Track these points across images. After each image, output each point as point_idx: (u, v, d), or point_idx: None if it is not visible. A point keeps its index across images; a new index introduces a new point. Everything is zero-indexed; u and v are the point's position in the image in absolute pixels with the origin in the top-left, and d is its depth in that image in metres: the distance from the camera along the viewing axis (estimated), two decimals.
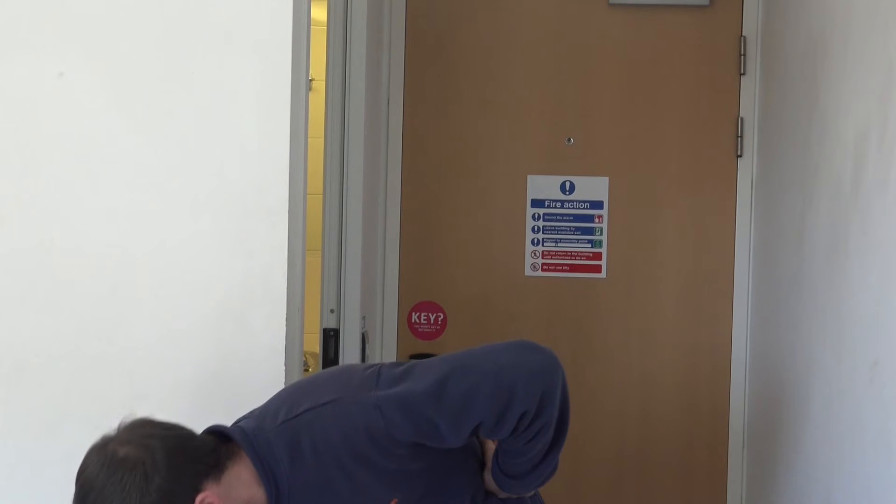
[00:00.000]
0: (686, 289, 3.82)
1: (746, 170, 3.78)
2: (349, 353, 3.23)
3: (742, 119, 3.77)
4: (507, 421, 2.02)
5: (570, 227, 3.81)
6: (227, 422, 2.33)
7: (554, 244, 3.81)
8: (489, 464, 2.22)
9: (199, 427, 2.33)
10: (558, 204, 3.81)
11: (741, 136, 3.77)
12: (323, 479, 2.03)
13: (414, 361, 2.09)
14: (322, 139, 3.12)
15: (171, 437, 1.96)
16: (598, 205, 3.81)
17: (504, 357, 2.04)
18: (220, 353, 2.44)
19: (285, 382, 2.43)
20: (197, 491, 1.94)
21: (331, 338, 3.18)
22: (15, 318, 2.46)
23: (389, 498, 2.07)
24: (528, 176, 3.82)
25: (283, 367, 2.42)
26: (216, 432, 2.06)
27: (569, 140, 3.81)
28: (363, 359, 3.49)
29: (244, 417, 2.12)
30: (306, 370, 2.77)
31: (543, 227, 3.81)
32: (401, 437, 2.01)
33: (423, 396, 2.00)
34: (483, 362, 2.04)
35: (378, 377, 2.06)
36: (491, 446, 2.21)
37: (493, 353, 2.06)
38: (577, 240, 3.80)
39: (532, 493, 2.34)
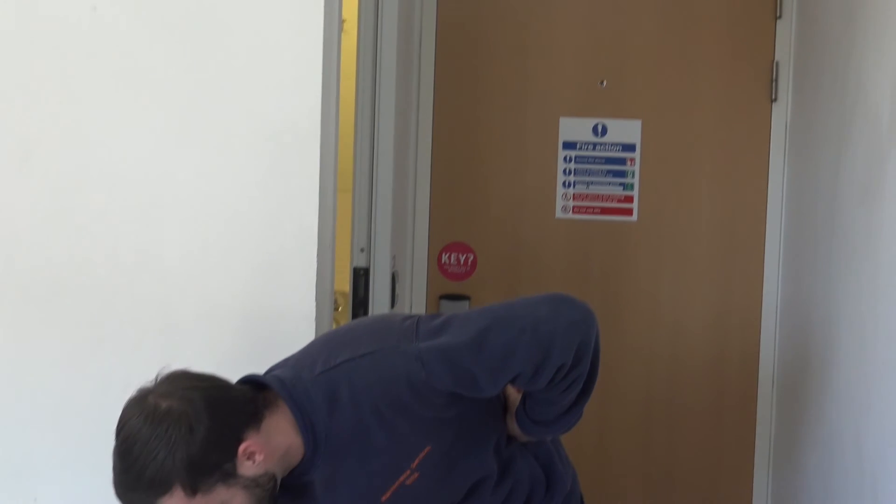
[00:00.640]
0: (718, 233, 3.80)
1: (781, 114, 3.74)
2: (379, 293, 3.23)
3: (777, 63, 3.73)
4: (544, 373, 2.04)
5: (601, 169, 3.79)
6: (258, 352, 2.36)
7: (585, 187, 3.79)
8: (512, 409, 2.24)
9: (231, 361, 2.36)
10: (590, 146, 3.79)
11: (776, 81, 3.73)
12: (360, 427, 2.04)
13: (451, 314, 2.11)
14: (354, 80, 3.11)
15: (211, 389, 1.98)
16: (630, 148, 3.79)
17: (542, 311, 2.05)
18: (251, 286, 2.45)
19: (316, 320, 2.44)
20: (239, 441, 1.95)
21: (361, 277, 3.18)
22: (51, 243, 2.48)
23: (424, 446, 2.09)
24: (561, 118, 3.80)
25: (314, 304, 2.43)
26: (251, 381, 2.07)
27: (602, 82, 3.79)
28: (392, 299, 3.49)
29: (278, 366, 2.13)
30: (336, 309, 2.77)
31: (575, 169, 3.79)
32: (440, 387, 2.03)
33: (464, 349, 2.01)
34: (522, 316, 2.05)
35: (417, 329, 2.07)
36: (514, 391, 2.22)
37: (531, 307, 2.07)
38: (609, 183, 3.79)
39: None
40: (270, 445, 1.99)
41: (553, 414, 2.17)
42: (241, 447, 1.95)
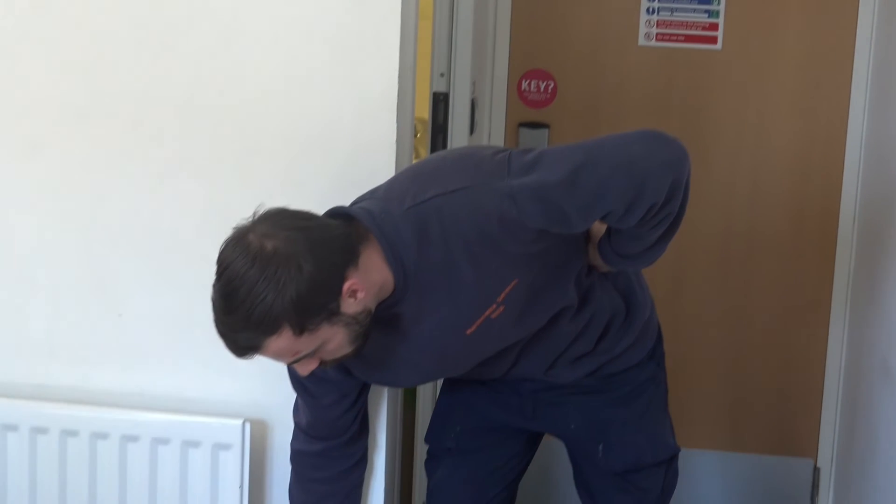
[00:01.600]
0: (803, 64, 3.70)
1: None
2: (458, 120, 3.21)
3: None
4: (636, 212, 2.02)
5: None
6: (339, 181, 2.36)
7: (669, 13, 3.70)
8: (595, 239, 2.23)
9: (311, 191, 2.37)
10: None
11: None
12: (449, 263, 2.04)
13: (543, 149, 2.08)
14: None
15: (314, 228, 1.96)
16: None
17: (636, 148, 2.02)
18: (331, 114, 2.43)
19: (397, 146, 2.42)
20: (343, 279, 1.95)
21: (440, 102, 3.17)
22: (133, 65, 2.47)
23: (510, 280, 2.09)
24: None
25: (395, 125, 2.40)
26: (339, 215, 2.06)
27: None
28: (471, 126, 3.47)
29: (364, 198, 2.12)
30: (415, 136, 2.75)
31: None
32: (531, 224, 2.01)
33: (556, 186, 1.99)
34: (615, 153, 2.02)
35: (509, 164, 2.05)
36: (598, 222, 2.20)
37: (625, 144, 2.03)
38: (694, 10, 3.69)
39: None
40: (368, 282, 2.00)
41: (638, 248, 2.17)
42: (346, 286, 1.95)
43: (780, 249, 3.82)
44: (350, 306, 1.97)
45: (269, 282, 1.88)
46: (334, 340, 1.99)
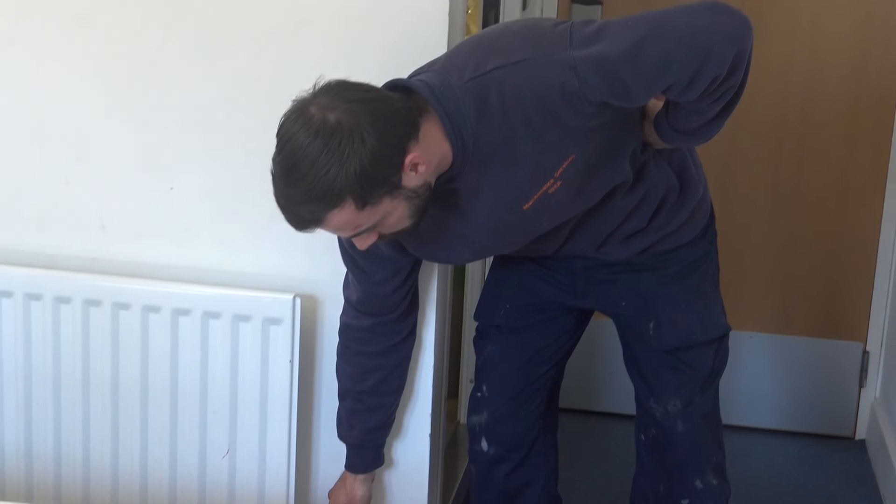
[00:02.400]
0: None
1: None
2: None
3: None
4: (698, 85, 1.98)
5: None
6: (391, 56, 2.33)
7: None
8: (651, 115, 2.19)
9: (364, 65, 2.34)
10: None
11: None
12: (508, 136, 2.02)
13: (605, 20, 2.03)
14: None
15: (375, 100, 1.93)
16: None
17: (700, 19, 1.97)
18: None
19: (448, 17, 2.38)
20: (405, 153, 1.93)
21: None
22: None
23: (568, 154, 2.06)
24: None
25: (448, 2, 2.36)
26: (398, 87, 2.03)
27: None
28: (524, 3, 3.42)
29: (422, 70, 2.09)
30: (467, 11, 2.71)
31: None
32: (592, 96, 1.98)
33: (619, 58, 1.94)
34: (679, 25, 1.97)
35: (570, 35, 2.00)
36: (655, 99, 2.17)
37: (689, 16, 1.97)
38: None
39: None
40: (429, 155, 1.98)
41: (696, 124, 2.13)
42: (408, 159, 1.93)
43: (834, 134, 3.77)
44: (411, 180, 1.95)
45: (332, 155, 1.86)
46: (395, 214, 1.98)
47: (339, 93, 1.92)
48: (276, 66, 2.45)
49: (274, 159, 1.93)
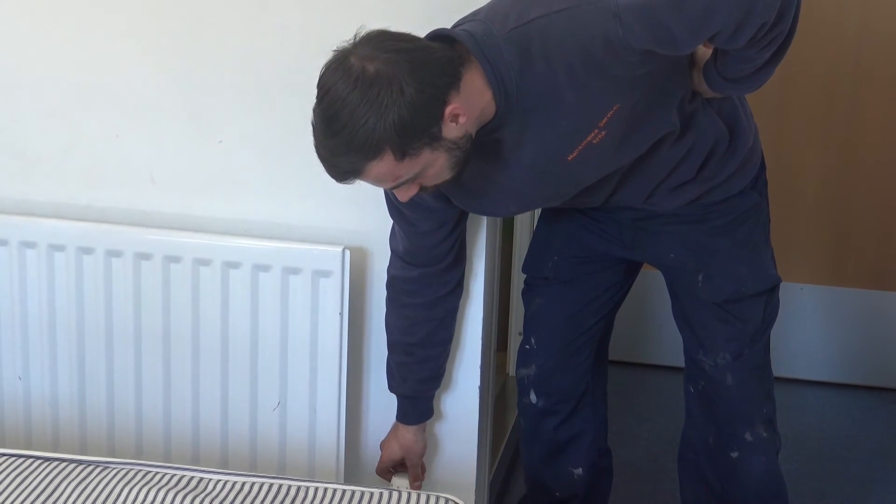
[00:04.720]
0: None
1: None
2: None
3: None
4: (745, 32, 1.94)
5: None
6: (435, 2, 2.30)
7: None
8: (700, 63, 2.17)
9: (410, 11, 2.33)
10: None
11: None
12: (552, 86, 2.00)
13: None
14: None
15: (415, 50, 1.92)
16: None
17: None
18: None
19: None
20: (445, 103, 1.93)
21: None
22: None
23: (613, 104, 2.04)
24: None
25: None
26: (441, 37, 2.02)
27: None
28: None
29: (465, 20, 2.07)
30: None
31: None
32: (636, 45, 1.95)
33: (664, 6, 1.91)
34: None
35: None
36: (703, 46, 2.14)
37: None
38: None
39: None
40: (469, 105, 1.97)
41: (745, 72, 2.10)
42: (448, 109, 1.93)
43: (888, 85, 3.72)
44: (452, 131, 1.94)
45: (370, 105, 1.86)
46: (435, 166, 1.97)
47: (379, 43, 1.91)
48: (323, 17, 2.45)
49: (314, 110, 1.94)
